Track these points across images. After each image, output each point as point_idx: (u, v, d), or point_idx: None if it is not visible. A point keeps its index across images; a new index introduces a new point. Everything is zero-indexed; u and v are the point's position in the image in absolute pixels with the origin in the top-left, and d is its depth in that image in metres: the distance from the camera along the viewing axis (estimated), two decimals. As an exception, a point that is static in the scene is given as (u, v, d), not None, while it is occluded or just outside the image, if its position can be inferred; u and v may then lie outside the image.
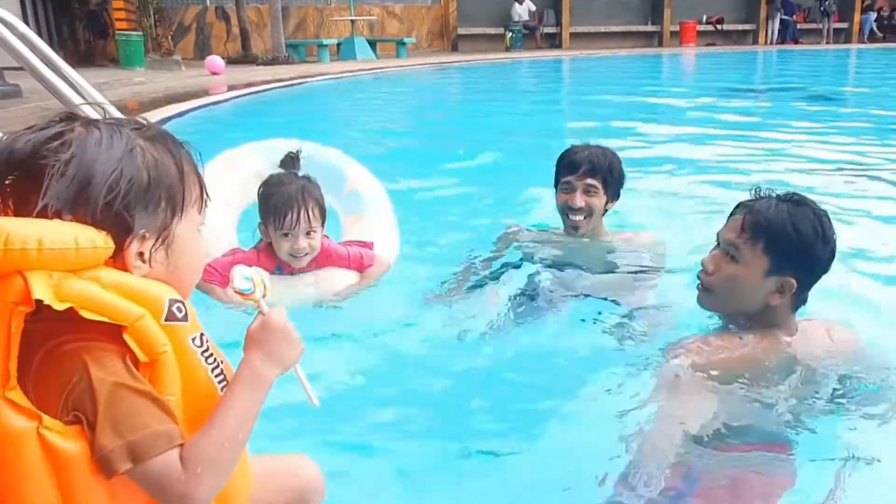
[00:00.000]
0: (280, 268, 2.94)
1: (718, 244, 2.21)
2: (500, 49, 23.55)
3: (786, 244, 2.05)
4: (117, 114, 4.52)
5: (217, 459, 1.20)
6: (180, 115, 8.11)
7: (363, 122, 9.19)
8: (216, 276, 2.72)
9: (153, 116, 7.53)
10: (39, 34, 17.63)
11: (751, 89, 13.20)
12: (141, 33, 16.98)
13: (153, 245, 1.24)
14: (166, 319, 1.19)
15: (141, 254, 1.23)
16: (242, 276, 1.39)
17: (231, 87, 11.56)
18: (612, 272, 3.13)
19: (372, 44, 21.18)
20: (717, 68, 18.34)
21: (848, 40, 27.55)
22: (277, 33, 19.13)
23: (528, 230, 3.49)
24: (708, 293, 2.21)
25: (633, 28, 26.85)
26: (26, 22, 16.56)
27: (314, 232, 2.86)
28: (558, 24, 25.94)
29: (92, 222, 1.16)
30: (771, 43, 26.65)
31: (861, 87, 14.52)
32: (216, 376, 1.26)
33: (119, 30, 16.08)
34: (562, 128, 8.78)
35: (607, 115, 8.62)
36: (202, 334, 1.25)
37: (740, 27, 27.96)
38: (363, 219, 3.33)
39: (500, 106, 10.83)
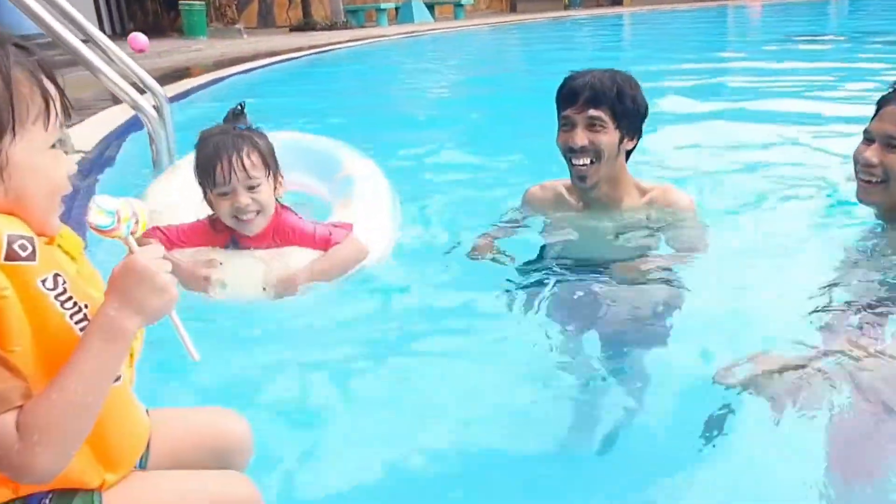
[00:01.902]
0: (235, 241, 2.47)
1: (868, 139, 2.32)
2: (559, 7, 23.11)
3: None
4: (152, 82, 4.75)
5: (59, 425, 1.04)
6: (216, 81, 8.30)
7: (415, 82, 9.23)
8: (160, 236, 2.38)
9: (193, 81, 7.83)
10: (108, 7, 18.34)
11: (825, 38, 12.55)
12: (203, 3, 17.41)
13: None
14: (7, 259, 1.04)
15: None
16: (101, 208, 1.17)
17: (274, 53, 11.77)
18: (630, 260, 2.47)
19: (430, 7, 21.13)
20: (787, 19, 17.52)
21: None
22: (336, 0, 19.34)
23: (549, 188, 2.77)
24: (876, 186, 2.31)
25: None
26: (95, -5, 17.28)
27: (258, 186, 2.33)
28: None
29: None
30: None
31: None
32: (77, 323, 1.11)
33: (182, 0, 16.53)
34: None
35: (670, 73, 8.03)
36: (57, 275, 1.10)
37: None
38: (351, 202, 2.89)
39: (558, 65, 10.58)
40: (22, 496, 1.15)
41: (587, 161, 2.47)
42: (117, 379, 1.19)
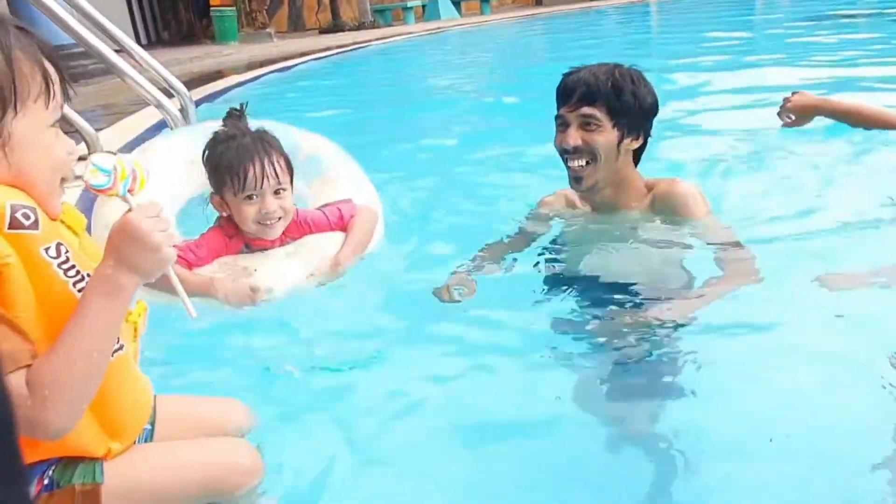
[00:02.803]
0: (248, 245, 2.42)
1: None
2: (586, -2, 23.01)
3: None
4: (181, 88, 4.98)
5: (67, 381, 1.09)
6: (242, 83, 8.56)
7: (441, 77, 9.30)
8: (183, 255, 2.28)
9: (219, 85, 8.11)
10: (143, 17, 18.81)
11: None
12: (234, 9, 17.80)
13: None
14: (10, 227, 1.09)
15: None
16: (97, 166, 1.19)
17: (302, 54, 12.03)
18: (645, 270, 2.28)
19: (456, 3, 21.24)
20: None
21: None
22: (364, 0, 19.59)
23: (560, 195, 2.64)
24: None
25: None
26: (130, 5, 17.81)
27: (284, 190, 2.32)
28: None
29: None
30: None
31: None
32: (79, 290, 1.15)
33: (213, 6, 16.93)
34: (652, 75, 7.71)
35: (699, 64, 7.50)
36: (59, 244, 1.15)
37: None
38: (329, 178, 2.79)
39: (586, 58, 10.40)
40: (27, 464, 1.18)
41: (582, 162, 2.33)
42: (120, 348, 1.23)
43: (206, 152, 2.37)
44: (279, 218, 2.33)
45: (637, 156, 2.43)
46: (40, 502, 1.21)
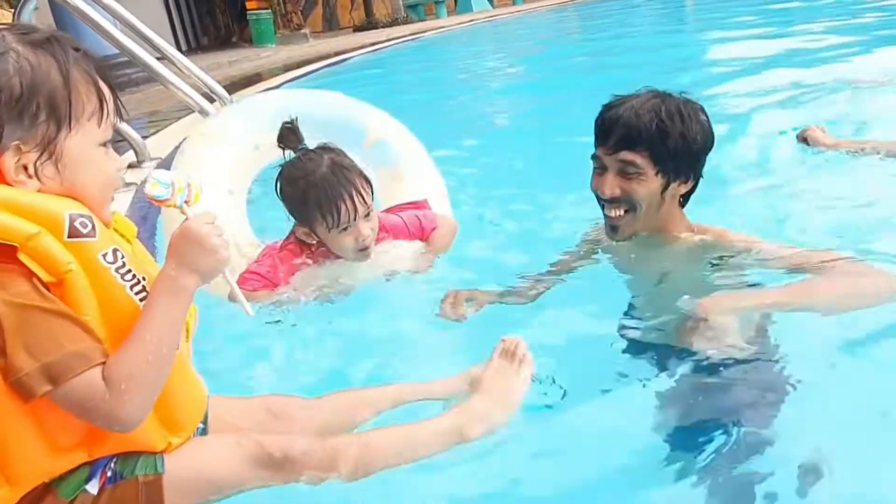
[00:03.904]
0: (328, 256, 2.40)
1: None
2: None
3: None
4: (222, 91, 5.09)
5: (140, 375, 1.17)
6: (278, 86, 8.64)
7: (479, 70, 9.28)
8: (260, 281, 2.29)
9: (255, 89, 8.24)
10: (182, 23, 19.19)
11: None
12: (270, 12, 18.03)
13: (37, 159, 1.16)
14: (70, 236, 1.14)
15: (25, 167, 1.16)
16: (157, 180, 1.30)
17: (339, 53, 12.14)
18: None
19: (488, -6, 21.24)
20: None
21: None
22: (396, -4, 19.73)
23: (600, 228, 2.27)
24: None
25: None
26: (169, 13, 18.19)
27: (371, 211, 2.29)
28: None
29: None
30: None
31: None
32: (136, 294, 1.22)
33: (250, 10, 17.17)
34: (689, 63, 7.24)
35: (742, 51, 7.06)
36: (115, 250, 1.21)
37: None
38: (400, 173, 2.65)
39: (621, 48, 10.13)
40: (92, 460, 1.25)
41: (620, 212, 2.03)
42: (177, 347, 1.27)
43: (282, 185, 2.30)
44: (373, 241, 2.32)
45: (685, 199, 2.11)
46: (105, 494, 1.26)
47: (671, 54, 8.10)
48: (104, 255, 1.18)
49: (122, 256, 1.21)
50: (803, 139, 3.59)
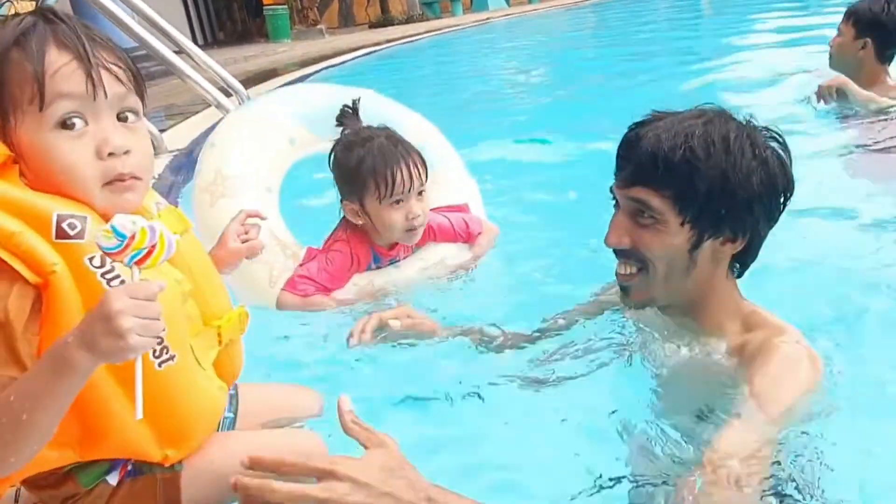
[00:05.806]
0: (377, 257, 2.34)
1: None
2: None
3: None
4: (239, 87, 5.09)
5: None
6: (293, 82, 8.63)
7: (494, 69, 9.25)
8: (313, 285, 2.23)
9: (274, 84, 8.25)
10: (199, 18, 19.25)
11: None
12: (286, 6, 18.05)
13: (10, 157, 1.14)
14: (57, 237, 1.10)
15: (14, 164, 1.14)
16: (113, 229, 1.05)
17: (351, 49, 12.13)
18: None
19: (505, -8, 21.15)
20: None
21: None
22: (412, -7, 19.70)
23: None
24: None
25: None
26: (186, 7, 18.23)
27: (424, 191, 2.24)
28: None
29: None
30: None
31: None
32: None
33: (266, 5, 17.20)
34: (709, 63, 6.93)
35: (753, 51, 6.94)
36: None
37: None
38: (438, 178, 2.52)
39: (639, 45, 10.06)
40: (90, 460, 1.24)
41: (630, 270, 1.53)
42: (170, 359, 1.23)
43: (338, 153, 2.25)
44: (422, 223, 2.26)
45: (740, 267, 1.55)
46: (124, 487, 1.28)
47: (689, 52, 8.08)
48: (91, 259, 1.13)
49: (112, 261, 1.12)
50: (828, 94, 3.43)
